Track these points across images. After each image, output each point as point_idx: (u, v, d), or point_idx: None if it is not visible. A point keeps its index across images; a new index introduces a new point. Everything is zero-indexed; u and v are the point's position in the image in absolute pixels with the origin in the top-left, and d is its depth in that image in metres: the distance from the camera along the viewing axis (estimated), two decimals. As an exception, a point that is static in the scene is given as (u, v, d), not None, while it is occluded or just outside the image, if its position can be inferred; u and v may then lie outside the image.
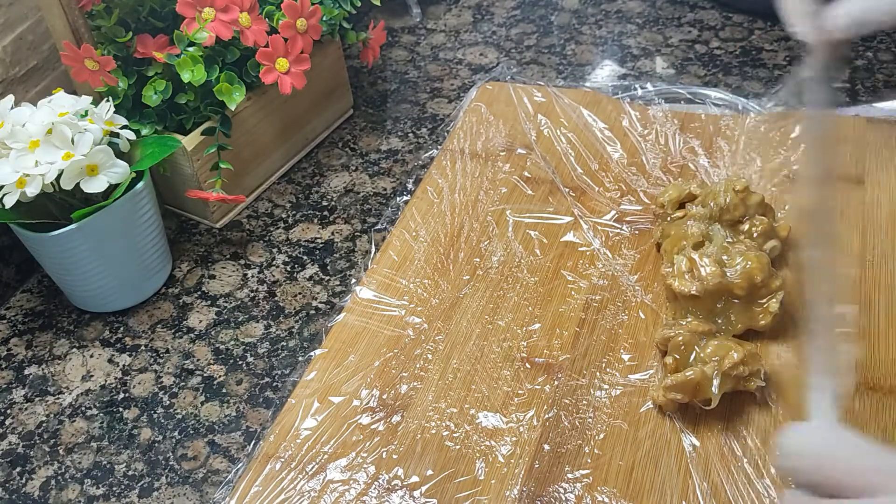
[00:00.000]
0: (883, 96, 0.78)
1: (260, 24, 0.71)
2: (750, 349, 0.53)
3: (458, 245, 0.65)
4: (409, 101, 0.87)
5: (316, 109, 0.81)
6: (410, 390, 0.56)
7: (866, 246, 0.61)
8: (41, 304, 0.70)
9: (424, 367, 0.57)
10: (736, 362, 0.52)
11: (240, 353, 0.64)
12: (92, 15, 0.71)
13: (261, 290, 0.69)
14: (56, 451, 0.59)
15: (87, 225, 0.62)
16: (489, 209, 0.68)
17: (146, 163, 0.65)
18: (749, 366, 0.52)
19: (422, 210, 0.69)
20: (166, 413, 0.60)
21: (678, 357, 0.54)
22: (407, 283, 0.63)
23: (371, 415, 0.54)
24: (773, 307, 0.56)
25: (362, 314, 0.61)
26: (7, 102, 0.62)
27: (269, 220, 0.75)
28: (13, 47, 0.71)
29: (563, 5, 0.99)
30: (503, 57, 0.92)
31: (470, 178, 0.71)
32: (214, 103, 0.70)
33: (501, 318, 0.60)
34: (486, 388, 0.55)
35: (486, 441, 0.52)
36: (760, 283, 0.55)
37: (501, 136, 0.75)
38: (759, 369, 0.53)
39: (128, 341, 0.66)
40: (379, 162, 0.80)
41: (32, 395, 0.63)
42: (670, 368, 0.53)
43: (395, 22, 0.99)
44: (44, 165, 0.59)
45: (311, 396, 0.56)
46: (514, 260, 0.64)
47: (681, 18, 0.94)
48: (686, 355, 0.54)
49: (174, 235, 0.74)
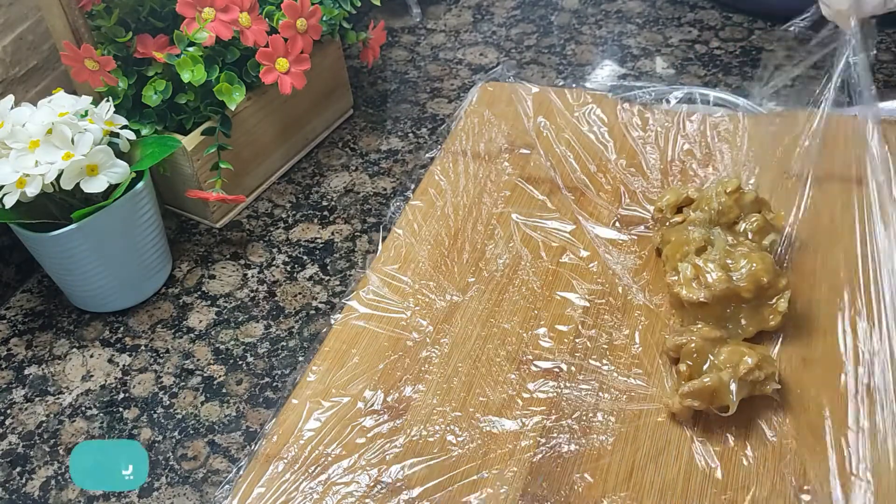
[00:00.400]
0: (883, 96, 0.78)
1: (260, 24, 0.71)
2: (762, 352, 0.53)
3: (462, 247, 0.65)
4: (409, 101, 0.87)
5: (316, 109, 0.81)
6: (414, 393, 0.56)
7: (866, 246, 0.61)
8: (41, 304, 0.70)
9: (428, 369, 0.57)
10: (751, 367, 0.51)
11: (240, 353, 0.64)
12: (92, 15, 0.71)
13: (261, 290, 0.69)
14: (56, 451, 0.59)
15: (87, 225, 0.62)
16: (492, 211, 0.68)
17: (146, 163, 0.65)
18: (764, 370, 0.52)
19: (424, 211, 0.69)
20: (166, 413, 0.60)
21: (691, 364, 0.54)
22: (411, 285, 0.63)
23: (375, 417, 0.54)
24: (781, 307, 0.56)
25: (366, 316, 0.61)
26: (7, 102, 0.62)
27: (269, 220, 0.75)
28: (13, 47, 0.71)
29: (563, 5, 0.99)
30: (503, 57, 0.92)
31: (471, 179, 0.71)
32: (214, 103, 0.70)
33: (506, 321, 0.60)
34: (490, 391, 0.55)
35: (490, 445, 0.52)
36: (767, 284, 0.55)
37: (502, 137, 0.75)
38: (773, 372, 0.52)
39: (128, 341, 0.66)
40: (379, 162, 0.80)
41: (32, 395, 0.63)
42: (684, 376, 0.53)
43: (395, 22, 0.99)
44: (44, 165, 0.59)
45: (315, 398, 0.56)
46: (518, 263, 0.64)
47: (681, 18, 0.94)
48: (700, 362, 0.54)
49: (174, 235, 0.74)
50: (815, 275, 0.60)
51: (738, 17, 0.93)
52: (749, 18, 0.93)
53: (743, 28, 0.91)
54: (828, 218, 0.64)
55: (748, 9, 0.93)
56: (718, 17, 0.93)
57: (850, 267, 0.60)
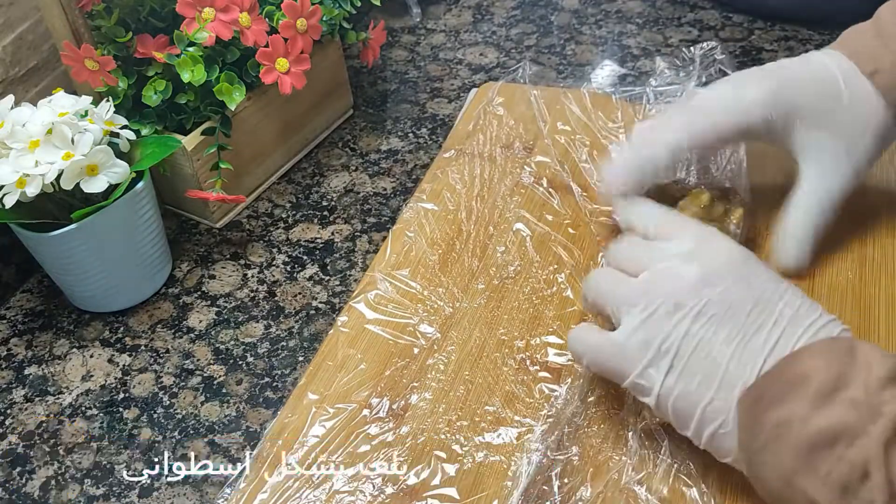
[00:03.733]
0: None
1: (260, 24, 0.71)
2: None
3: (473, 251, 0.64)
4: (409, 101, 0.87)
5: (316, 109, 0.81)
6: (420, 401, 0.55)
7: (866, 246, 0.61)
8: (41, 304, 0.70)
9: (435, 377, 0.56)
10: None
11: (240, 353, 0.64)
12: (92, 15, 0.71)
13: (261, 290, 0.69)
14: (56, 451, 0.59)
15: (87, 225, 0.62)
16: (503, 213, 0.67)
17: (146, 163, 0.65)
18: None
19: (426, 211, 0.68)
20: (166, 413, 0.60)
21: None
22: (420, 290, 0.61)
23: (380, 425, 0.54)
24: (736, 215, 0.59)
25: (373, 320, 0.60)
26: (7, 102, 0.62)
27: (269, 220, 0.75)
28: (13, 47, 0.71)
29: (563, 5, 0.99)
30: (503, 57, 0.92)
31: (474, 179, 0.71)
32: (214, 103, 0.70)
33: (515, 328, 0.59)
34: (499, 400, 0.55)
35: (496, 454, 0.52)
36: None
37: (504, 137, 0.75)
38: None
39: (128, 341, 0.66)
40: (379, 162, 0.80)
41: (32, 395, 0.63)
42: None
43: (395, 22, 0.99)
44: (44, 165, 0.59)
45: (321, 403, 0.55)
46: (529, 268, 0.62)
47: (681, 18, 0.94)
48: None
49: (174, 235, 0.74)
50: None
51: (738, 17, 0.93)
52: (749, 18, 0.93)
53: (743, 28, 0.91)
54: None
55: (748, 9, 0.93)
56: (718, 17, 0.94)
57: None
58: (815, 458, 0.39)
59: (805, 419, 0.40)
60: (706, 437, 0.45)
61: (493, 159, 0.73)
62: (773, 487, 0.42)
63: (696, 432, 0.45)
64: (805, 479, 0.40)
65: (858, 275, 0.59)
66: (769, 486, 0.42)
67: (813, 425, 0.40)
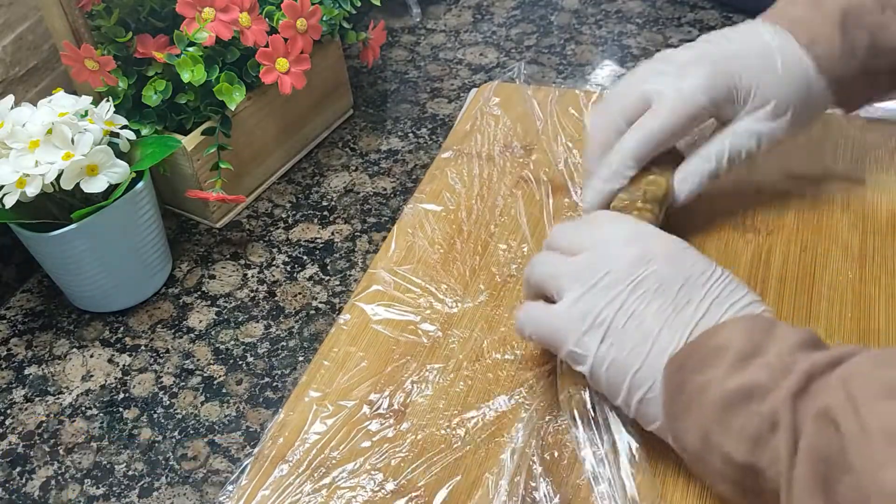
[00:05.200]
0: (883, 96, 0.78)
1: (260, 24, 0.71)
2: None
3: (475, 249, 0.64)
4: (409, 101, 0.87)
5: (316, 109, 0.81)
6: (420, 397, 0.55)
7: (866, 246, 0.61)
8: (41, 304, 0.70)
9: (435, 374, 0.56)
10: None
11: (240, 353, 0.64)
12: (92, 15, 0.71)
13: (261, 290, 0.69)
14: (56, 451, 0.59)
15: (87, 225, 0.62)
16: (503, 212, 0.67)
17: (146, 163, 0.65)
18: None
19: (426, 211, 0.68)
20: (166, 413, 0.60)
21: None
22: (421, 288, 0.62)
23: (380, 421, 0.54)
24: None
25: (374, 318, 0.60)
26: (7, 102, 0.62)
27: (269, 220, 0.75)
28: (13, 47, 0.71)
29: (563, 5, 0.99)
30: (503, 57, 0.92)
31: (473, 179, 0.71)
32: (214, 103, 0.70)
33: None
34: (497, 395, 0.55)
35: (495, 448, 0.52)
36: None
37: (503, 137, 0.75)
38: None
39: (128, 341, 0.66)
40: (379, 162, 0.80)
41: (32, 395, 0.63)
42: None
43: (395, 22, 0.99)
44: (44, 165, 0.59)
45: (322, 400, 0.55)
46: None
47: (681, 18, 0.94)
48: None
49: (174, 235, 0.74)
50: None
51: (738, 18, 0.93)
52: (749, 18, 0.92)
53: (743, 28, 0.91)
54: (827, 217, 0.63)
55: (748, 9, 0.93)
56: (718, 17, 0.93)
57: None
58: (730, 414, 0.42)
59: (722, 381, 0.42)
60: (634, 403, 0.47)
61: (492, 159, 0.73)
62: (692, 449, 0.44)
63: (626, 400, 0.47)
64: (720, 436, 0.42)
65: (858, 274, 0.59)
66: (689, 449, 0.44)
67: (728, 385, 0.42)
